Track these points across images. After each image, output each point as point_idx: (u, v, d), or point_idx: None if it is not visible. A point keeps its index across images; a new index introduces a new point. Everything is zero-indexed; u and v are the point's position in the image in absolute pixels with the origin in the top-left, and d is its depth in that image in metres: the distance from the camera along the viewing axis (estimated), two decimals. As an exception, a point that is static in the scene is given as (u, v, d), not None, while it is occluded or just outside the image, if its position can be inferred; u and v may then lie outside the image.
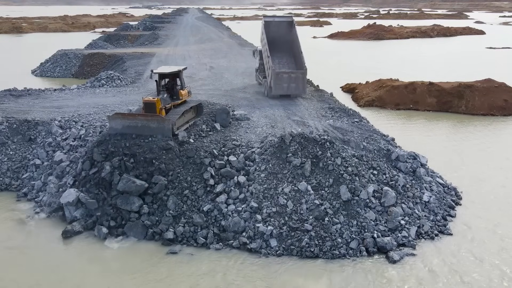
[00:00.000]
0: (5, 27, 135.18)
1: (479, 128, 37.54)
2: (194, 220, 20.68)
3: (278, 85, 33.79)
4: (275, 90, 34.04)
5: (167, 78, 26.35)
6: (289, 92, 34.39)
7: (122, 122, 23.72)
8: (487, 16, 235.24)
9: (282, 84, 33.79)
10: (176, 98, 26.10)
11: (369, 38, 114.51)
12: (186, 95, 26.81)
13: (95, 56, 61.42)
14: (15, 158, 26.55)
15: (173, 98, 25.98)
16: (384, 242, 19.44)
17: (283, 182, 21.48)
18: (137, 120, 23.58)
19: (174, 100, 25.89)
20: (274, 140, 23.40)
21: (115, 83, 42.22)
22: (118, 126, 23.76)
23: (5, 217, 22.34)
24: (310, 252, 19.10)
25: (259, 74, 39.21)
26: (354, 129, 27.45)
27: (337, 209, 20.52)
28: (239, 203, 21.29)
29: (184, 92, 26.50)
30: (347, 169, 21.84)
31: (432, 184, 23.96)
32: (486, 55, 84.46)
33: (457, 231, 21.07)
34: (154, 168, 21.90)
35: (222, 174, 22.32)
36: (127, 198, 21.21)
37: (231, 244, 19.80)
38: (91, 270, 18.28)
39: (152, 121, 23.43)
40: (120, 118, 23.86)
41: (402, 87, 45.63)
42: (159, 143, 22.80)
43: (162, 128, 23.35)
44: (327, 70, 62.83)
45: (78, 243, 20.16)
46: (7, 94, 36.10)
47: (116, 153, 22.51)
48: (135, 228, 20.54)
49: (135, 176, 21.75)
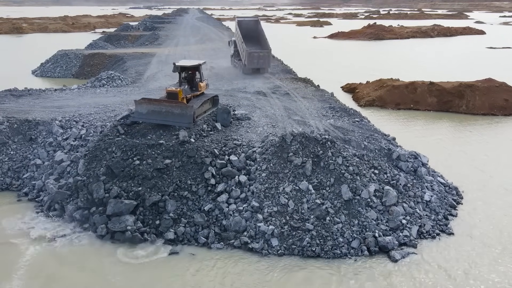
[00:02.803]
0: (5, 27, 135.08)
1: (479, 128, 37.52)
2: (195, 219, 20.66)
3: (250, 62, 44.38)
4: (249, 65, 44.61)
5: (187, 71, 27.90)
6: (259, 66, 45.07)
7: (147, 107, 25.07)
8: (487, 16, 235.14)
9: (253, 60, 44.42)
10: (195, 89, 27.68)
11: (369, 38, 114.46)
12: (204, 87, 28.56)
13: (95, 56, 61.39)
14: (16, 158, 26.52)
15: (192, 90, 27.53)
16: (385, 242, 19.42)
17: (284, 182, 21.46)
18: (162, 106, 24.99)
19: (194, 92, 27.47)
20: (275, 140, 23.38)
21: (116, 83, 42.22)
22: (143, 111, 25.17)
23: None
24: (312, 252, 19.08)
25: (234, 59, 50.46)
26: (355, 129, 27.43)
27: (338, 208, 20.50)
28: (240, 202, 21.27)
29: (202, 85, 28.26)
30: (348, 169, 21.81)
31: (433, 184, 23.95)
32: (487, 55, 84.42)
33: (459, 230, 21.05)
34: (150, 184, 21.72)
35: (223, 173, 22.30)
36: (118, 218, 20.64)
37: (232, 243, 19.77)
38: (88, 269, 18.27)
39: (176, 107, 24.87)
40: (146, 103, 25.20)
41: (403, 87, 45.61)
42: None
43: (185, 114, 24.81)
44: (328, 70, 62.83)
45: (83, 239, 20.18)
46: (8, 94, 36.07)
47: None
48: (132, 240, 20.12)
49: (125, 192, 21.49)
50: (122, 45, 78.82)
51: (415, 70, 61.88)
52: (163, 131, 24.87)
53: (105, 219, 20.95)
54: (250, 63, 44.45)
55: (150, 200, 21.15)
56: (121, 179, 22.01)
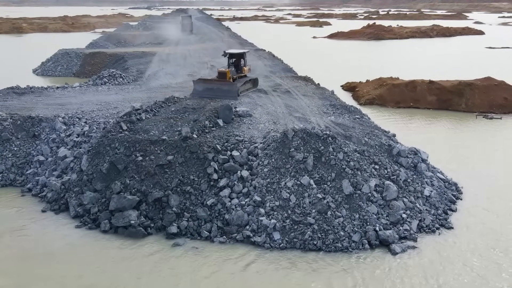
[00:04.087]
0: (5, 27, 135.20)
1: (478, 126, 37.79)
2: (198, 214, 20.91)
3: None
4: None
5: (234, 58, 35.26)
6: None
7: (203, 85, 32.81)
8: (486, 16, 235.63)
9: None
10: (240, 72, 35.06)
11: (368, 38, 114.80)
12: (247, 71, 36.04)
13: (96, 55, 61.57)
14: (20, 154, 26.75)
15: (237, 72, 34.84)
16: (386, 235, 19.66)
17: (286, 177, 21.70)
18: (214, 84, 32.70)
19: (238, 74, 34.87)
20: (277, 136, 23.62)
21: (117, 81, 42.45)
22: (200, 88, 32.77)
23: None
24: (313, 245, 19.32)
25: None
26: (356, 125, 27.69)
27: (339, 202, 20.75)
28: (242, 197, 21.51)
29: (246, 69, 35.71)
30: (349, 164, 22.06)
31: (433, 179, 24.20)
32: (486, 54, 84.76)
33: (458, 224, 21.31)
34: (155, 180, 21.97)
35: (225, 168, 22.54)
36: (122, 213, 20.88)
37: (234, 237, 20.00)
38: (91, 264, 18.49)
39: (224, 84, 32.61)
40: (202, 82, 33.21)
41: (403, 85, 45.91)
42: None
43: (231, 90, 32.31)
44: (327, 69, 63.08)
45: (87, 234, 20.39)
46: (10, 91, 36.26)
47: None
48: (135, 234, 20.37)
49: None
50: (122, 44, 78.97)
51: (414, 69, 62.17)
52: (165, 127, 25.15)
53: (108, 215, 21.19)
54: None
55: (153, 196, 21.38)
56: (125, 175, 22.24)
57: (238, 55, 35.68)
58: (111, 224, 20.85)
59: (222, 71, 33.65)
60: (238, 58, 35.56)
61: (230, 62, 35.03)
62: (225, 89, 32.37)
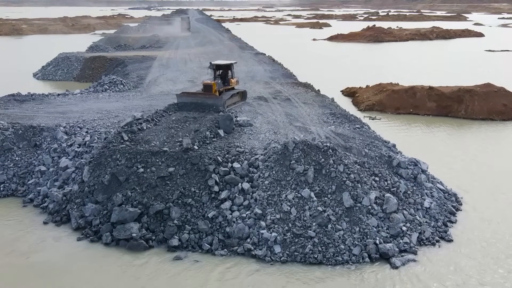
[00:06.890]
0: (5, 29, 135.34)
1: (478, 133, 37.90)
2: (199, 226, 21.00)
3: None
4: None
5: (221, 70, 33.25)
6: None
7: (187, 99, 31.03)
8: (486, 17, 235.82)
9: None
10: (227, 84, 32.93)
11: (368, 40, 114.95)
12: (235, 83, 33.88)
13: (96, 60, 61.73)
14: (21, 164, 26.83)
15: (224, 84, 32.74)
16: (386, 248, 19.77)
17: (287, 189, 21.81)
18: (198, 97, 30.93)
19: (225, 86, 32.75)
20: (277, 147, 23.72)
21: (118, 88, 42.56)
22: (184, 101, 30.93)
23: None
24: (314, 259, 19.42)
25: None
26: (356, 135, 27.79)
27: (340, 215, 20.85)
28: (243, 209, 21.61)
29: (233, 81, 33.59)
30: (350, 176, 22.17)
31: (433, 190, 24.31)
32: (485, 58, 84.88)
33: (458, 237, 21.40)
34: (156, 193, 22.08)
35: (226, 181, 22.64)
36: (123, 226, 20.97)
37: (235, 250, 20.11)
38: (93, 277, 18.59)
39: (209, 98, 30.76)
40: (186, 95, 31.43)
41: (402, 91, 46.01)
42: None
43: (216, 104, 30.30)
44: (327, 73, 63.19)
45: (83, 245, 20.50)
46: (11, 99, 36.39)
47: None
48: (137, 247, 20.47)
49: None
50: (122, 47, 79.02)
51: (414, 73, 62.29)
52: (166, 137, 25.25)
53: (109, 227, 21.29)
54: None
55: (154, 209, 21.48)
56: (126, 187, 22.35)
57: (225, 66, 33.54)
58: (112, 237, 20.97)
59: (207, 84, 31.53)
60: (225, 70, 33.40)
61: (216, 74, 32.94)
62: (210, 103, 30.35)
